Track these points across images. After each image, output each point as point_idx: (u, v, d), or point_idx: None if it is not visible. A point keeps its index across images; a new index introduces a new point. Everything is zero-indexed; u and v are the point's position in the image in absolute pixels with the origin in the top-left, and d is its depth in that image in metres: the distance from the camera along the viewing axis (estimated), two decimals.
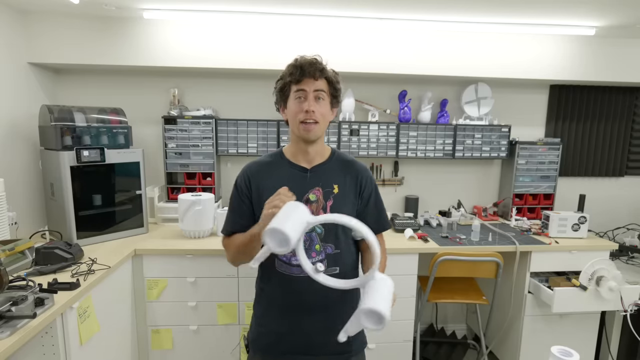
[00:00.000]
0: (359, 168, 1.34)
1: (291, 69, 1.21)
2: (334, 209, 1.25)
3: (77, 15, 2.30)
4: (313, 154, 1.28)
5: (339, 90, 1.28)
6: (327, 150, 1.34)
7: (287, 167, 1.29)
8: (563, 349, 0.97)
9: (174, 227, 2.43)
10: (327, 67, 1.24)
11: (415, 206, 2.80)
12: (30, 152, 2.30)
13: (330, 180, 1.28)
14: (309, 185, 1.26)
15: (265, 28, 2.39)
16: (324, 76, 1.22)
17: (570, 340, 2.35)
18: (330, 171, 1.29)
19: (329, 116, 1.27)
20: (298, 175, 1.27)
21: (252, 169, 1.31)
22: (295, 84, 1.21)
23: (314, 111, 1.20)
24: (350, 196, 1.29)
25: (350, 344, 1.30)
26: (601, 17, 2.25)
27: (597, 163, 2.98)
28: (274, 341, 1.28)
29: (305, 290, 1.21)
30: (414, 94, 2.75)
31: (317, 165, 1.29)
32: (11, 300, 1.30)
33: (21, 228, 2.06)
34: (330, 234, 1.25)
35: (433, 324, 2.96)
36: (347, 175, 1.30)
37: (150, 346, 2.14)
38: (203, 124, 2.52)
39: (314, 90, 1.20)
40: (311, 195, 1.25)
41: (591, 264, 2.08)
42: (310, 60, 1.21)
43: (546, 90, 2.89)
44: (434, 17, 2.30)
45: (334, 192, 1.27)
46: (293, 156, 1.30)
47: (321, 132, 1.25)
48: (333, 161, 1.32)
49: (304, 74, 1.19)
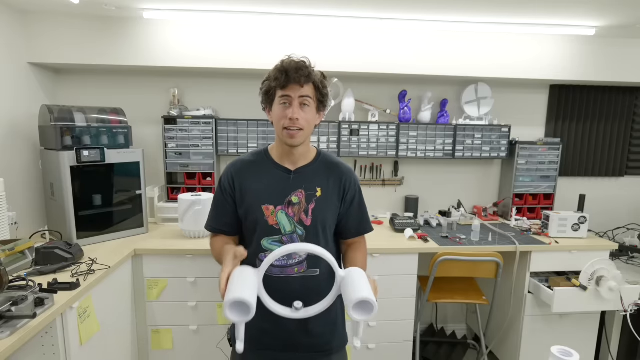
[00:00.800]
0: (344, 170, 1.32)
1: (277, 73, 1.18)
2: (316, 211, 1.25)
3: (77, 15, 2.30)
4: (297, 156, 1.28)
5: (326, 95, 1.26)
6: (313, 152, 1.33)
7: (271, 167, 1.29)
8: (563, 349, 0.97)
9: (174, 227, 2.43)
10: (315, 71, 1.21)
11: (415, 206, 2.80)
12: (30, 152, 2.30)
13: (314, 182, 1.27)
14: (292, 187, 1.26)
15: (265, 28, 2.40)
16: (311, 81, 1.19)
17: (570, 340, 2.35)
18: (314, 174, 1.29)
19: (315, 121, 1.25)
20: (281, 176, 1.27)
21: (236, 168, 1.31)
22: (281, 89, 1.18)
23: (298, 119, 1.18)
24: (333, 199, 1.29)
25: (330, 342, 1.33)
26: (601, 17, 2.25)
27: (597, 163, 2.98)
28: (256, 336, 1.27)
29: (285, 290, 1.21)
30: (414, 94, 2.75)
31: (301, 167, 1.29)
32: (11, 300, 1.29)
33: (21, 228, 2.07)
34: (311, 236, 1.25)
35: (433, 324, 2.96)
36: (331, 178, 1.30)
37: (150, 346, 2.14)
38: (203, 124, 2.52)
39: (300, 96, 1.18)
40: (294, 198, 1.25)
41: (591, 264, 2.08)
42: (296, 64, 1.18)
43: (546, 90, 2.89)
44: (434, 17, 2.30)
45: (317, 195, 1.26)
46: (278, 157, 1.30)
47: (305, 138, 1.24)
48: (318, 163, 1.31)
49: (290, 80, 1.16)
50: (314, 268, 1.27)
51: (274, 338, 1.28)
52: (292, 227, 1.25)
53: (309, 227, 1.25)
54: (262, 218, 1.24)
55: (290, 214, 1.24)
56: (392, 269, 2.19)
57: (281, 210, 1.24)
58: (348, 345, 1.39)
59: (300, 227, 1.25)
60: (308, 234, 1.25)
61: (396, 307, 2.22)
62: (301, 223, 1.25)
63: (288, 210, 1.24)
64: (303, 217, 1.25)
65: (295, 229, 1.25)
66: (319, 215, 1.26)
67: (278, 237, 1.25)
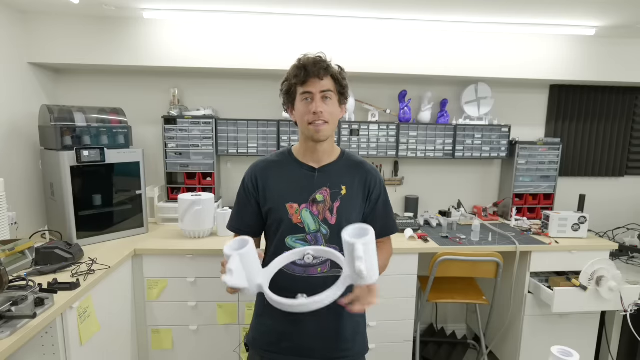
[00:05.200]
0: (369, 169, 1.32)
1: (295, 71, 1.20)
2: (341, 210, 1.24)
3: (77, 15, 2.30)
4: (322, 154, 1.27)
5: (346, 86, 1.26)
6: (337, 151, 1.33)
7: (295, 166, 1.28)
8: (563, 349, 0.96)
9: (174, 227, 2.43)
10: (332, 64, 1.22)
11: (415, 206, 2.80)
12: (30, 152, 2.30)
13: (338, 181, 1.26)
14: (317, 185, 1.25)
15: (265, 28, 2.39)
16: (329, 74, 1.20)
17: (570, 340, 2.35)
18: (338, 172, 1.28)
19: (338, 114, 1.25)
20: (306, 174, 1.26)
21: (259, 167, 1.30)
22: (301, 86, 1.19)
23: (322, 112, 1.18)
24: (358, 198, 1.28)
25: (350, 349, 1.29)
26: (601, 17, 2.25)
27: (597, 163, 2.98)
28: (275, 340, 1.27)
29: (307, 289, 1.20)
30: (414, 94, 2.75)
31: (325, 165, 1.28)
32: (11, 300, 1.30)
33: (21, 228, 2.06)
34: (336, 235, 1.23)
35: (433, 324, 2.96)
36: (356, 177, 1.29)
37: (150, 346, 2.14)
38: (203, 124, 2.52)
39: (321, 91, 1.19)
40: (318, 196, 1.24)
41: (591, 264, 2.08)
42: (314, 59, 1.19)
43: (546, 90, 2.89)
44: (434, 17, 2.30)
45: (342, 194, 1.25)
46: (302, 155, 1.29)
47: (331, 132, 1.24)
48: (342, 162, 1.31)
49: (309, 74, 1.17)
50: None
51: (292, 342, 1.26)
52: (317, 225, 1.23)
53: (334, 225, 1.23)
54: (286, 217, 1.23)
55: (314, 212, 1.23)
56: (392, 269, 2.16)
57: (305, 209, 1.23)
58: None
59: (324, 226, 1.23)
60: (332, 232, 1.23)
61: (396, 307, 2.22)
62: (326, 222, 1.23)
63: (312, 209, 1.23)
64: (328, 215, 1.23)
65: (319, 227, 1.23)
66: (344, 214, 1.24)
67: (302, 236, 1.24)
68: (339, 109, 1.26)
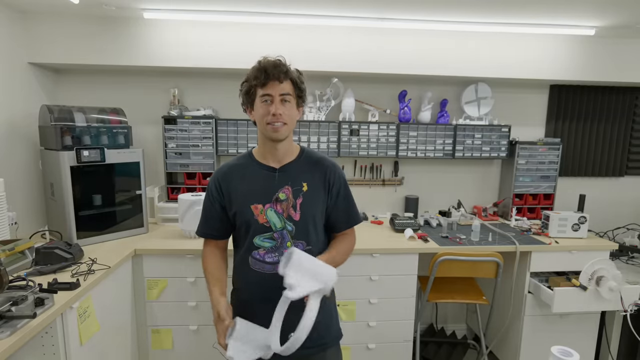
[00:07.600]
0: (328, 165, 1.36)
1: (256, 72, 1.23)
2: (304, 206, 1.29)
3: (77, 16, 2.30)
4: (282, 153, 1.32)
5: (304, 90, 1.31)
6: (296, 149, 1.37)
7: (256, 167, 1.33)
8: (563, 349, 0.97)
9: (174, 227, 2.43)
10: (291, 68, 1.26)
11: (415, 206, 2.80)
12: (30, 152, 2.30)
13: (299, 178, 1.31)
14: (278, 185, 1.30)
15: (265, 28, 2.39)
16: (289, 78, 1.24)
17: (570, 340, 2.35)
18: (298, 169, 1.33)
19: (296, 116, 1.30)
20: (267, 175, 1.31)
21: (221, 172, 1.35)
22: (261, 88, 1.23)
23: (281, 114, 1.22)
24: (320, 193, 1.33)
25: (324, 337, 1.35)
26: (601, 17, 2.25)
27: (597, 163, 2.98)
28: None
29: (280, 287, 1.20)
30: (414, 94, 2.75)
31: (285, 164, 1.33)
32: (11, 300, 1.30)
33: (21, 228, 2.06)
34: (301, 231, 1.29)
35: (433, 324, 2.96)
36: (316, 173, 1.33)
37: (150, 346, 2.14)
38: (203, 124, 2.52)
39: (280, 94, 1.23)
40: (281, 194, 1.29)
41: (591, 264, 2.08)
42: (274, 62, 1.23)
43: (546, 90, 2.89)
44: (434, 17, 2.30)
45: (303, 190, 1.30)
46: (262, 157, 1.34)
47: (289, 132, 1.29)
48: (302, 159, 1.35)
49: (269, 77, 1.21)
50: None
51: None
52: (282, 223, 1.28)
53: (298, 222, 1.29)
54: (252, 218, 1.28)
55: (279, 210, 1.28)
56: (392, 269, 2.19)
57: (270, 208, 1.28)
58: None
59: (289, 223, 1.29)
60: (298, 228, 1.29)
61: (396, 307, 2.22)
62: (290, 219, 1.29)
63: (276, 207, 1.28)
64: (292, 212, 1.28)
65: (285, 225, 1.29)
66: (307, 210, 1.29)
67: (269, 234, 1.29)
68: (297, 111, 1.30)
